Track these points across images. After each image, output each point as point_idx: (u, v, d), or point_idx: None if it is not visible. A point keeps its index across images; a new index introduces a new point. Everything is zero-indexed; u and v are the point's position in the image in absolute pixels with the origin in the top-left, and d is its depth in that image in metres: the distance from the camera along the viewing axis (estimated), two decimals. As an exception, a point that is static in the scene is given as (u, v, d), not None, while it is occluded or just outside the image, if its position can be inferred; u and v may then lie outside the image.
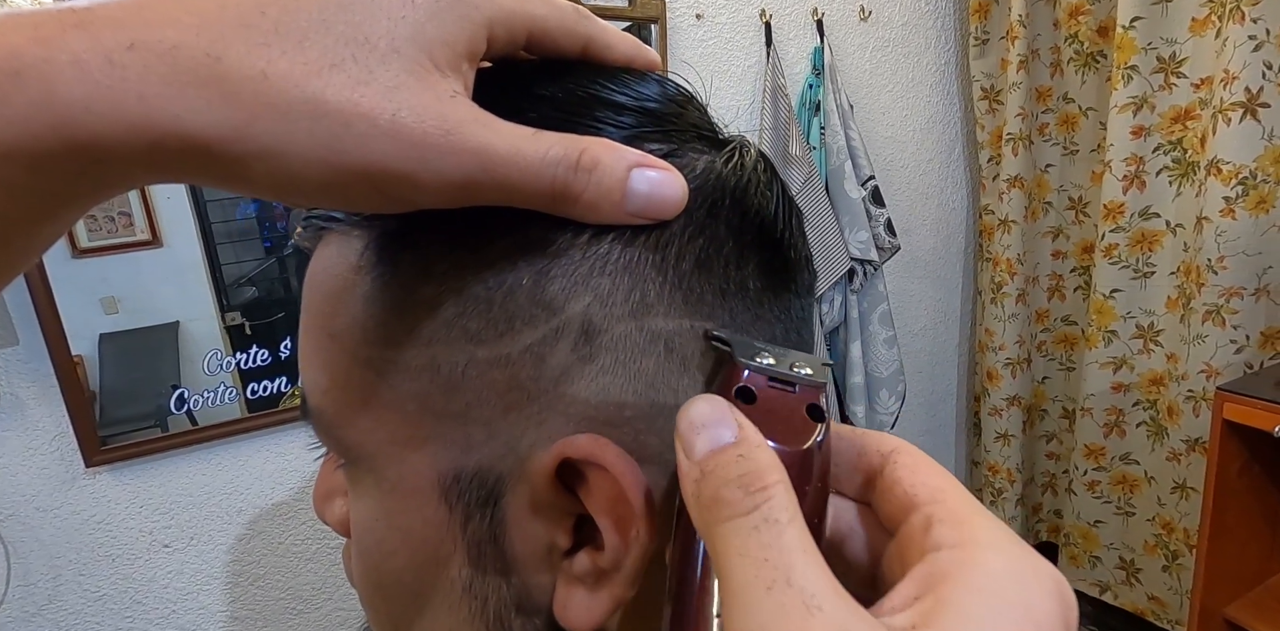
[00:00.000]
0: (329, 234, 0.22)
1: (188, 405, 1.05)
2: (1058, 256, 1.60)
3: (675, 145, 0.21)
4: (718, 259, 0.21)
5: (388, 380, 0.21)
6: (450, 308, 0.20)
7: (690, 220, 0.21)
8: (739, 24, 1.35)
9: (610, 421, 0.20)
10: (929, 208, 1.69)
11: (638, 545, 0.20)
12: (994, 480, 1.73)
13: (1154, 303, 1.41)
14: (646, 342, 0.20)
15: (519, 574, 0.22)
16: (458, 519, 0.21)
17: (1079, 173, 1.52)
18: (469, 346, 0.20)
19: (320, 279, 0.22)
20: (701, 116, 0.23)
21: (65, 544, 1.03)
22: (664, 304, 0.20)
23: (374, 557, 0.23)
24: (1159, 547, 1.47)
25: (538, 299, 0.20)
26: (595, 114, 0.20)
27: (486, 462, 0.21)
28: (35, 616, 1.04)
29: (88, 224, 0.96)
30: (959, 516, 0.17)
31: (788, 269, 0.23)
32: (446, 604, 0.23)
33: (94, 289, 0.98)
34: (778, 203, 0.23)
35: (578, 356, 0.20)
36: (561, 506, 0.21)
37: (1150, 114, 1.33)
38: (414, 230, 0.20)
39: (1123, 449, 1.51)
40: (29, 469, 0.99)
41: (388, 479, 0.22)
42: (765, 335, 0.22)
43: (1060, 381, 1.68)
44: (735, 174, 0.22)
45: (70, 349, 0.95)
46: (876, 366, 1.56)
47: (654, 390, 0.20)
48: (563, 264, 0.20)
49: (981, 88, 1.58)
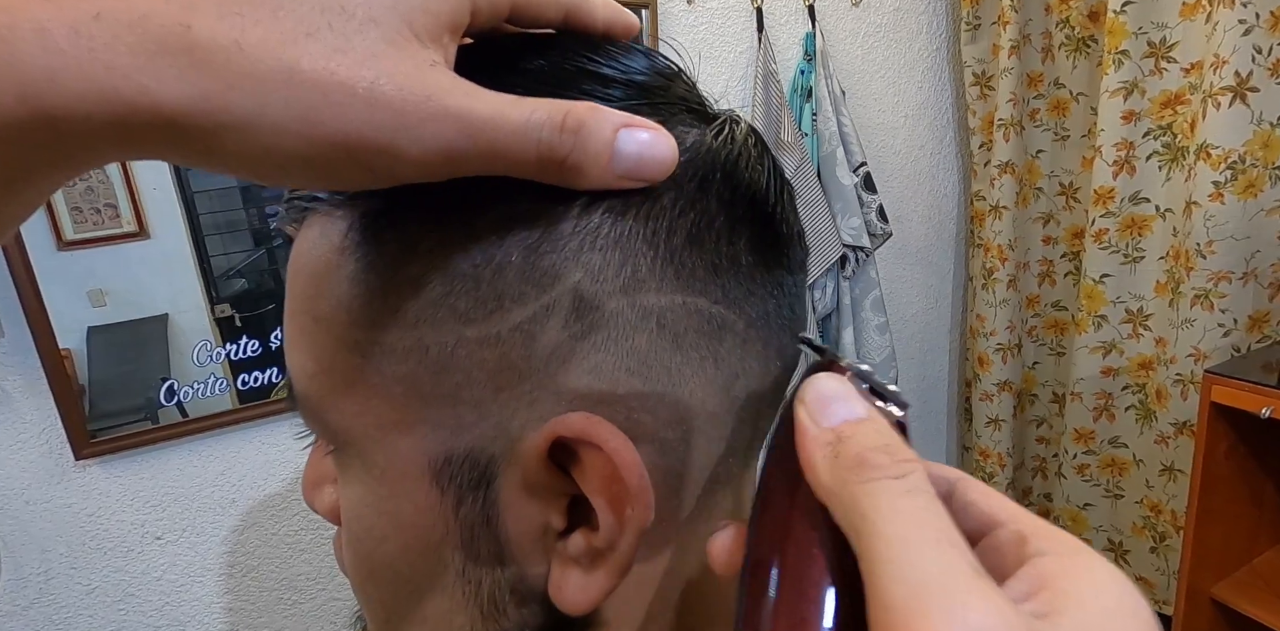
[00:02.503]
0: (312, 215, 0.22)
1: (178, 397, 1.04)
2: (1048, 242, 1.61)
3: (663, 118, 0.21)
4: (709, 233, 0.21)
5: (374, 363, 0.21)
6: (437, 287, 0.20)
7: (680, 194, 0.20)
8: (730, 9, 1.33)
9: (603, 400, 0.20)
10: (921, 194, 1.69)
11: (633, 524, 0.20)
12: (985, 465, 1.75)
13: (1143, 287, 1.42)
14: (639, 319, 0.20)
15: (513, 557, 0.22)
16: (449, 502, 0.21)
17: (1070, 158, 1.52)
18: (457, 326, 0.20)
19: (304, 261, 0.22)
20: (690, 90, 0.23)
21: (56, 537, 1.03)
22: (656, 279, 0.20)
23: (365, 544, 0.23)
24: (1147, 529, 1.49)
25: (527, 275, 0.19)
26: (581, 86, 0.20)
27: (478, 444, 0.20)
28: (28, 609, 1.03)
29: (73, 216, 0.95)
30: (1049, 531, 0.17)
31: (779, 244, 0.23)
32: (440, 589, 0.22)
33: (81, 282, 0.96)
34: (769, 177, 0.22)
35: (569, 334, 0.20)
36: (555, 487, 0.21)
37: (1140, 99, 1.33)
38: (398, 208, 0.20)
39: (1112, 432, 1.52)
40: (18, 462, 0.98)
41: (376, 464, 0.22)
42: (758, 310, 0.22)
43: (1050, 366, 1.69)
44: (726, 147, 0.21)
45: (58, 342, 0.94)
46: (869, 353, 1.56)
47: (647, 368, 0.20)
48: (552, 239, 0.19)
49: (973, 73, 1.57)
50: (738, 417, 0.23)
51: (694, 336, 0.21)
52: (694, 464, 0.22)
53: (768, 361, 0.23)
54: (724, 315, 0.21)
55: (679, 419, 0.21)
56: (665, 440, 0.21)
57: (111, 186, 0.97)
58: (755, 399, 0.23)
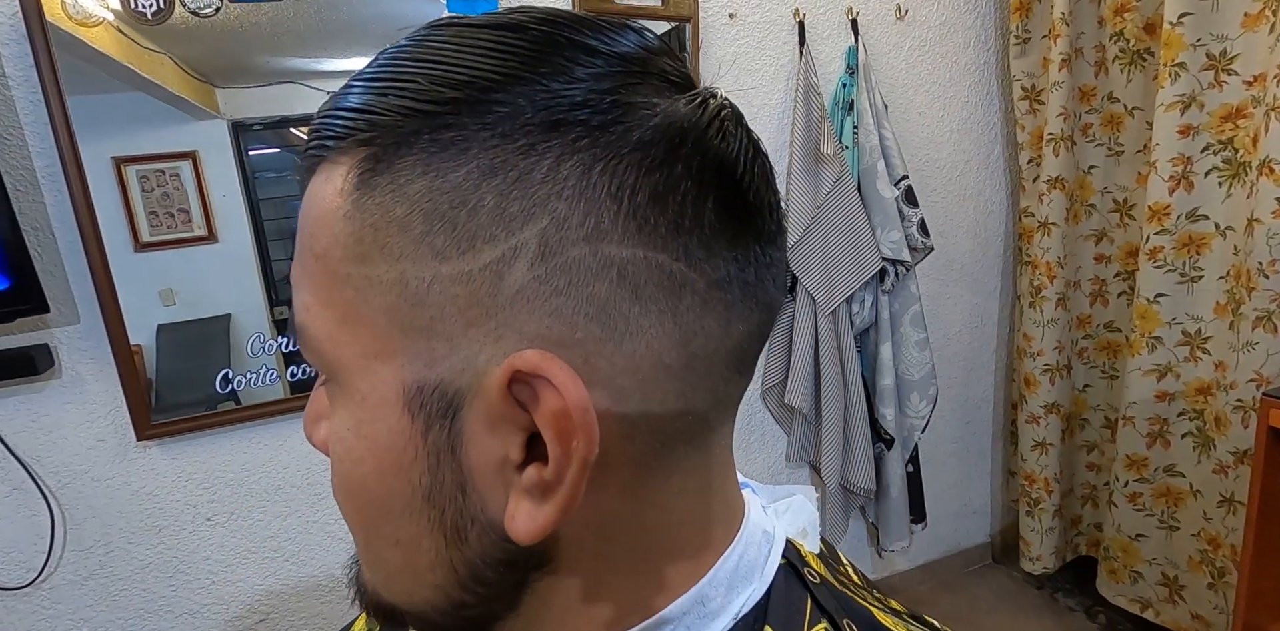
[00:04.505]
0: (320, 164, 0.24)
1: (231, 385, 1.11)
2: (1100, 260, 1.56)
3: (638, 82, 0.22)
4: (673, 194, 0.22)
5: (362, 295, 0.23)
6: (419, 226, 0.22)
7: (647, 155, 0.21)
8: (772, 23, 1.35)
9: (561, 341, 0.21)
10: (966, 209, 1.66)
11: (577, 456, 0.21)
12: (1030, 490, 1.68)
13: (1201, 308, 1.36)
14: (599, 268, 0.21)
15: (474, 486, 0.23)
16: (419, 429, 0.23)
17: (1124, 174, 1.48)
18: (434, 263, 0.22)
19: (309, 204, 0.25)
20: (675, 65, 0.24)
21: (116, 513, 1.10)
22: (618, 232, 0.21)
23: (345, 465, 0.25)
24: (1204, 564, 1.41)
25: (498, 218, 0.21)
26: (565, 53, 0.22)
27: (448, 376, 0.22)
28: (87, 580, 1.10)
29: (150, 220, 1.03)
30: None
31: (747, 211, 0.24)
32: (410, 513, 0.24)
33: (154, 281, 1.04)
34: (740, 146, 0.23)
35: (533, 276, 0.21)
36: (514, 420, 0.22)
37: (1199, 113, 1.29)
38: (391, 157, 0.22)
39: (1167, 460, 1.45)
40: (85, 440, 1.06)
41: (359, 390, 0.24)
42: (721, 273, 0.23)
43: (1102, 389, 1.62)
44: (695, 114, 0.22)
45: (127, 328, 1.02)
46: (907, 368, 1.53)
47: (605, 315, 0.22)
48: (523, 186, 0.21)
49: (1022, 87, 1.55)
50: (696, 374, 0.24)
51: (653, 289, 0.22)
52: (650, 414, 0.23)
53: (728, 324, 0.24)
54: (684, 273, 0.22)
55: (634, 367, 0.22)
56: (620, 387, 0.22)
57: (185, 193, 1.04)
58: (713, 358, 0.24)
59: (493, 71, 0.21)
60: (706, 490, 0.27)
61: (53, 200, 0.98)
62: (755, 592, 0.28)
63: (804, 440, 1.54)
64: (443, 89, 0.21)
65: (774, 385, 1.49)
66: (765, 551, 0.29)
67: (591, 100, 0.21)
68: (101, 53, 0.95)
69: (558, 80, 0.21)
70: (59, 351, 1.02)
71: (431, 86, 0.22)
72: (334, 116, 0.23)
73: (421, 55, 0.22)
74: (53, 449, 1.04)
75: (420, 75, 0.22)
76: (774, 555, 0.29)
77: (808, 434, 1.54)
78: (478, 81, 0.21)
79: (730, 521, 0.29)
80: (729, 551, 0.28)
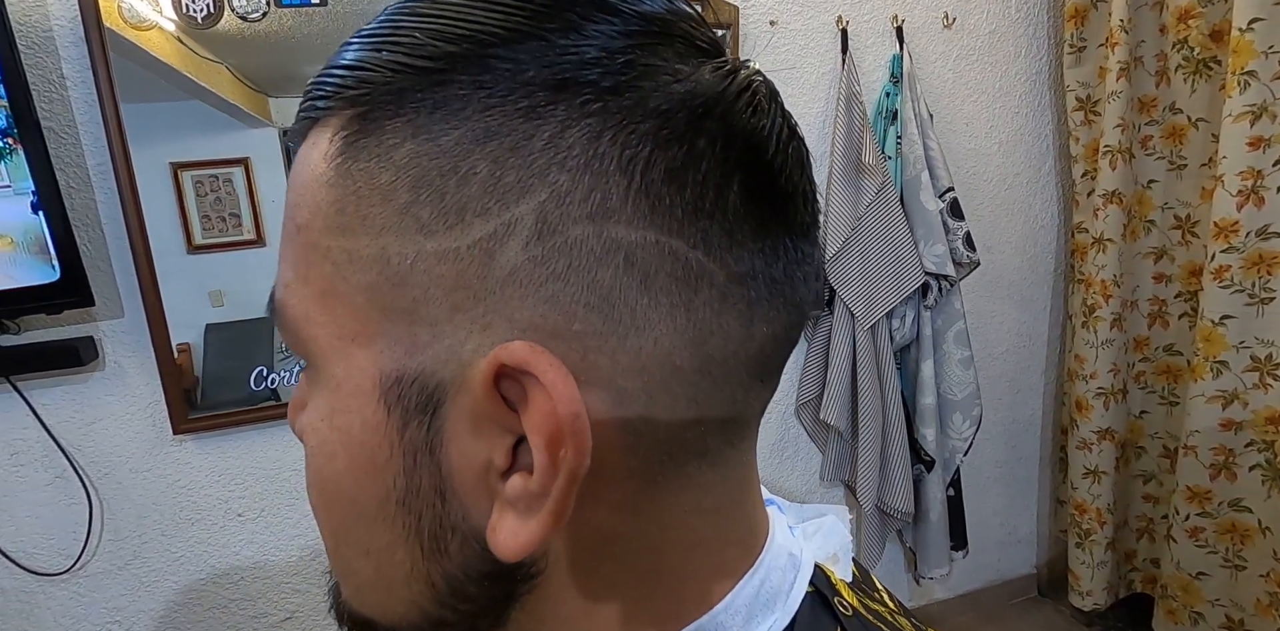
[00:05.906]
0: (312, 128, 0.22)
1: (266, 382, 1.12)
2: (1160, 279, 1.48)
3: (659, 43, 0.20)
4: (693, 172, 0.19)
5: (342, 271, 0.21)
6: (404, 194, 0.19)
7: (666, 124, 0.19)
8: (814, 30, 1.34)
9: (556, 333, 0.19)
10: (1015, 224, 1.60)
11: (566, 467, 0.19)
12: (1081, 520, 1.59)
13: (1273, 331, 1.27)
14: (604, 251, 0.19)
15: (454, 492, 0.21)
16: (394, 424, 0.21)
17: (1187, 189, 1.40)
18: (418, 237, 0.19)
19: (296, 170, 0.22)
20: (703, 30, 0.21)
21: (151, 505, 1.12)
22: (627, 211, 0.19)
23: (317, 459, 0.23)
24: (1274, 607, 1.31)
25: (491, 189, 0.19)
26: (578, 10, 0.19)
27: (429, 367, 0.20)
28: (121, 570, 1.13)
29: (203, 223, 1.06)
30: None
31: (777, 199, 0.21)
32: (383, 519, 0.22)
33: (204, 282, 1.07)
34: (773, 124, 0.21)
35: (528, 256, 0.19)
36: (500, 421, 0.20)
37: (1271, 124, 1.21)
38: (380, 118, 0.20)
39: (1233, 494, 1.35)
40: (125, 432, 1.08)
41: (334, 376, 0.22)
42: (744, 266, 0.20)
43: (1161, 416, 1.53)
44: (723, 83, 0.20)
45: (168, 322, 1.05)
46: (950, 388, 1.48)
47: (609, 305, 0.19)
48: (521, 153, 0.18)
49: (1077, 97, 1.49)
50: (710, 379, 0.21)
51: (665, 279, 0.19)
52: (657, 422, 0.20)
53: (750, 324, 0.21)
54: (702, 262, 0.19)
55: (639, 367, 0.20)
56: (623, 389, 0.20)
57: (237, 198, 1.08)
58: (731, 362, 0.21)
59: (496, 26, 0.19)
60: (724, 510, 0.24)
61: (103, 197, 1.02)
62: (778, 623, 0.24)
63: (839, 459, 1.49)
64: (439, 44, 0.19)
65: (809, 400, 1.45)
66: (791, 577, 0.26)
67: (604, 59, 0.19)
68: (162, 61, 0.99)
69: (567, 37, 0.19)
70: (103, 344, 1.05)
71: (428, 40, 0.19)
72: (327, 74, 0.21)
73: (424, 9, 0.20)
74: (94, 439, 1.07)
75: (418, 29, 0.20)
76: (800, 582, 0.26)
77: (843, 453, 1.49)
78: (477, 35, 0.19)
79: (751, 543, 0.25)
80: (748, 576, 0.25)
